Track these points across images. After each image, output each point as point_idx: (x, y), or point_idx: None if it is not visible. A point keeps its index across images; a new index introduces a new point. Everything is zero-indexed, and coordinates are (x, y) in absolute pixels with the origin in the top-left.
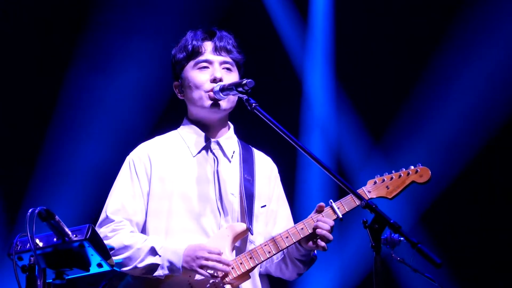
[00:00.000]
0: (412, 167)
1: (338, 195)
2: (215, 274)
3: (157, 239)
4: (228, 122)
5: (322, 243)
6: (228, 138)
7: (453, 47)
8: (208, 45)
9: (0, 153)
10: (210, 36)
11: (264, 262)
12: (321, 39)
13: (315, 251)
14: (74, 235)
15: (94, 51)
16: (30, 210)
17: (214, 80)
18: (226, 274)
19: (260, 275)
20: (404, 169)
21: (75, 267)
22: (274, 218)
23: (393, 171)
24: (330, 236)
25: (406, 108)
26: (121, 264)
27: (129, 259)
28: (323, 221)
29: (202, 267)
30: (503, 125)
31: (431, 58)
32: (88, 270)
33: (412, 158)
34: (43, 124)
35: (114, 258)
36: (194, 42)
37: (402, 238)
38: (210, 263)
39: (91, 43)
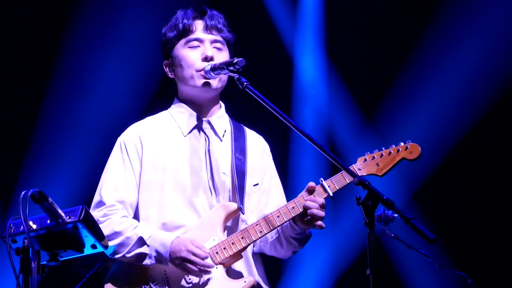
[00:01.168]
0: (402, 144)
1: (331, 172)
2: (195, 276)
3: (145, 227)
4: (220, 101)
5: (318, 222)
6: (220, 117)
7: (446, 23)
8: (198, 24)
9: None
10: (201, 15)
11: (258, 242)
12: (312, 17)
13: (310, 230)
14: (68, 217)
15: (84, 33)
16: (23, 193)
17: (206, 59)
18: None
19: (254, 254)
20: (394, 146)
21: (69, 249)
22: (267, 196)
23: (383, 148)
24: (321, 213)
25: (397, 85)
26: (112, 251)
27: (119, 246)
28: (312, 199)
29: (184, 268)
30: (495, 101)
31: (422, 36)
32: (82, 252)
33: (404, 135)
34: (35, 107)
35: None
36: (185, 21)
37: (395, 215)
38: (192, 266)
39: (81, 24)
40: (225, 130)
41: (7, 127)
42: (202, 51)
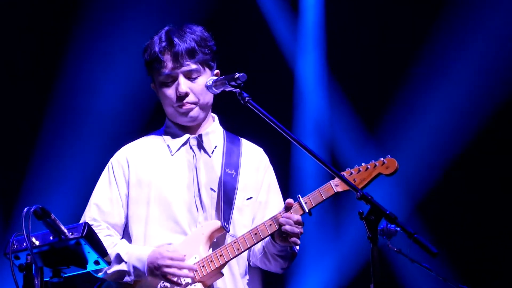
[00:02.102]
0: (381, 159)
1: None
2: (179, 282)
3: (124, 244)
4: (212, 114)
5: (292, 238)
6: (210, 133)
7: (445, 36)
8: (168, 58)
9: None
10: (169, 46)
11: (251, 258)
12: (312, 29)
13: (295, 247)
14: (71, 233)
15: (85, 50)
16: (25, 209)
17: (179, 98)
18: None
19: (251, 269)
20: (373, 161)
21: (72, 265)
22: (264, 209)
23: (362, 164)
24: (295, 230)
25: (399, 98)
26: (96, 270)
27: None
28: (287, 216)
29: (165, 275)
30: (497, 112)
31: (424, 48)
32: (85, 268)
33: (405, 146)
34: (36, 124)
35: None
36: (155, 56)
37: (398, 229)
38: (171, 270)
39: (81, 40)
40: (216, 146)
41: (9, 142)
42: (175, 87)
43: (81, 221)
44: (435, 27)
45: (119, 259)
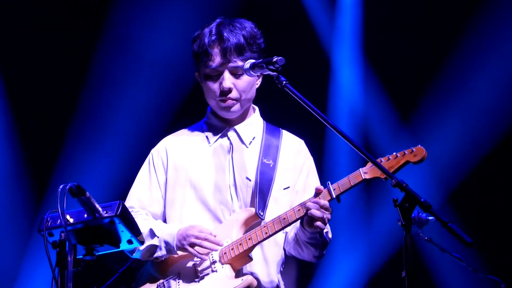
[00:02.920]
0: (411, 148)
1: None
2: (203, 254)
3: (158, 222)
4: (253, 106)
5: (317, 222)
6: (249, 124)
7: (484, 26)
8: (216, 53)
9: (29, 130)
10: (218, 39)
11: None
12: (350, 16)
13: (327, 235)
14: (105, 212)
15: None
16: (61, 186)
17: (223, 93)
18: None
19: (288, 258)
20: (403, 150)
21: (105, 244)
22: (301, 197)
23: (394, 153)
24: (318, 214)
25: (435, 86)
26: (131, 250)
27: None
28: (314, 201)
29: (191, 245)
30: None
31: (461, 35)
32: (118, 247)
33: (439, 135)
34: (71, 104)
35: None
36: (204, 49)
37: (430, 218)
38: (197, 241)
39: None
40: (254, 137)
41: (44, 122)
42: (220, 81)
43: None
44: (475, 15)
45: (152, 234)
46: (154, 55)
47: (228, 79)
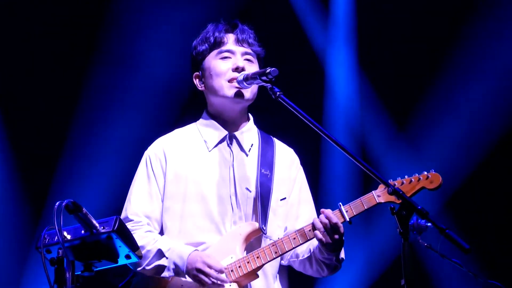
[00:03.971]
0: (425, 173)
1: (363, 183)
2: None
3: (165, 241)
4: (248, 113)
5: (319, 236)
6: (247, 131)
7: (479, 32)
8: (230, 37)
9: (24, 147)
10: (232, 28)
11: (287, 256)
12: (343, 24)
13: (340, 256)
14: (102, 227)
15: (117, 45)
16: (57, 203)
17: (237, 69)
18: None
19: (281, 267)
20: (417, 175)
21: (103, 259)
22: (297, 210)
23: (406, 176)
24: (319, 236)
25: (429, 94)
26: (135, 264)
27: (141, 258)
28: (327, 216)
29: (199, 280)
30: None
31: (457, 44)
32: (117, 262)
33: (436, 144)
34: (67, 118)
35: None
36: (216, 34)
37: (428, 224)
38: (205, 278)
39: (113, 37)
40: (252, 144)
41: (39, 137)
42: (233, 62)
43: (122, 217)
44: (468, 23)
45: (160, 254)
46: (149, 66)
47: (241, 60)
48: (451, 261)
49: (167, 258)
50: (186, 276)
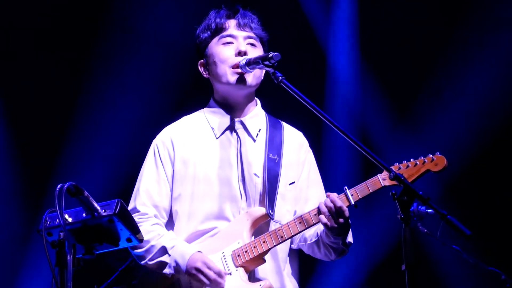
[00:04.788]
0: (430, 156)
1: (364, 168)
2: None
3: (170, 237)
4: (255, 98)
5: (324, 220)
6: (254, 116)
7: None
8: (231, 22)
9: (27, 130)
10: (233, 14)
11: (296, 240)
12: (346, 12)
13: (347, 240)
14: (103, 210)
15: (120, 31)
16: (59, 186)
17: (239, 53)
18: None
19: (291, 251)
20: (422, 157)
21: (104, 242)
22: (306, 192)
23: (411, 159)
24: (324, 220)
25: (431, 81)
26: (139, 257)
27: (145, 253)
28: (332, 200)
29: (198, 280)
30: None
31: (458, 32)
32: (118, 245)
33: (437, 132)
34: (70, 102)
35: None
36: (218, 20)
37: (429, 210)
38: (204, 278)
39: (115, 23)
40: (260, 129)
41: (42, 121)
42: (235, 46)
43: (129, 207)
44: (470, 12)
45: (164, 251)
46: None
47: (244, 45)
48: (451, 247)
49: (169, 255)
50: (186, 275)
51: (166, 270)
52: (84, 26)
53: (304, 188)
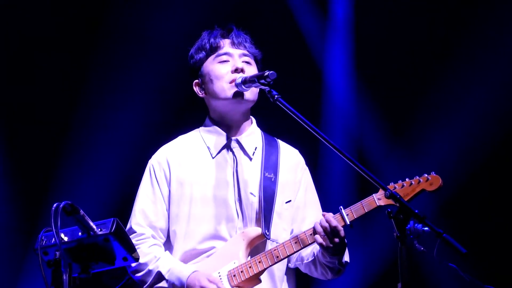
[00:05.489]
0: (425, 175)
1: (360, 187)
2: None
3: (166, 260)
4: (251, 116)
5: (319, 240)
6: (250, 134)
7: (476, 37)
8: (226, 41)
9: (23, 148)
10: (227, 33)
11: (293, 260)
12: (341, 28)
13: (343, 260)
14: (99, 229)
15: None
16: (55, 205)
17: (236, 70)
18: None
19: (288, 270)
20: (417, 177)
21: (100, 261)
22: (303, 212)
23: (406, 179)
24: (319, 240)
25: (427, 98)
26: (140, 281)
27: (143, 277)
28: (327, 220)
29: None
30: None
31: (454, 48)
32: (114, 264)
33: (433, 149)
34: (65, 119)
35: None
36: (212, 40)
37: (425, 229)
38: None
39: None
40: (256, 148)
41: (37, 140)
42: (232, 64)
43: (126, 228)
44: (465, 27)
45: (160, 276)
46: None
47: (239, 62)
48: (448, 265)
49: (166, 280)
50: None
51: None
52: (79, 43)
53: (301, 207)
